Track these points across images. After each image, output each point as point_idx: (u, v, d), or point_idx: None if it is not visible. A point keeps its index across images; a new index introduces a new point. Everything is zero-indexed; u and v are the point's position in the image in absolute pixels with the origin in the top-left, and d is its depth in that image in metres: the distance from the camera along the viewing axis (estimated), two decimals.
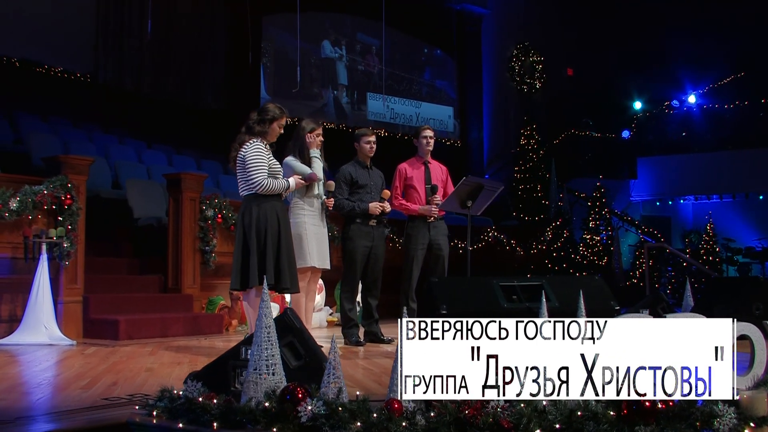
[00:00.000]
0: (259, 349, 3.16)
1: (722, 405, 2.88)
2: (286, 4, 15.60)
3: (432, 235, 7.10)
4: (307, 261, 6.28)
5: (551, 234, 14.69)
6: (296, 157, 6.32)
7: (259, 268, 5.53)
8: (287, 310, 3.62)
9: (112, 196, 9.71)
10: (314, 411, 2.82)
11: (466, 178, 6.58)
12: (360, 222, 6.87)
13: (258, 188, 5.53)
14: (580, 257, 14.76)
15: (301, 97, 17.11)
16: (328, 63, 17.85)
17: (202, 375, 3.52)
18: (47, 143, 10.30)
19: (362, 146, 6.97)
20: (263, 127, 5.65)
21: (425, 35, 19.40)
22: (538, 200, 17.40)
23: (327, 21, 17.81)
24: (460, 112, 20.21)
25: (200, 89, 14.95)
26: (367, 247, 6.90)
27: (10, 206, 6.74)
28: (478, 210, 6.81)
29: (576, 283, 3.36)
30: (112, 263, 8.77)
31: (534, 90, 20.61)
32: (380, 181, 7.09)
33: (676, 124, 18.99)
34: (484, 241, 13.25)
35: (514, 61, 20.71)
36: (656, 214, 19.05)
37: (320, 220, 6.46)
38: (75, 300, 7.39)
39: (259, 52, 16.23)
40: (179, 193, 8.51)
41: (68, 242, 7.12)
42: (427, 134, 7.28)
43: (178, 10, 14.65)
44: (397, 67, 19.05)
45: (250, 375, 3.15)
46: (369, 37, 18.06)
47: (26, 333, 6.71)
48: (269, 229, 5.58)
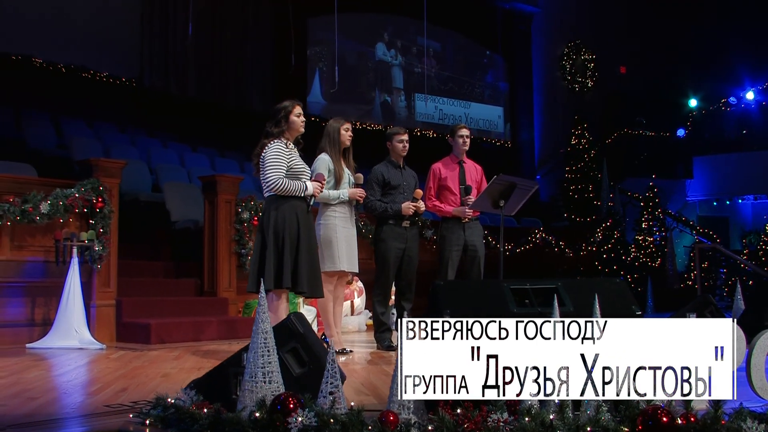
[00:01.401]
0: (256, 355, 3.01)
1: (751, 421, 2.63)
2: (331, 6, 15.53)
3: (467, 236, 6.87)
4: (336, 265, 6.13)
5: (601, 235, 14.31)
6: (329, 153, 6.20)
7: (275, 270, 5.39)
8: (291, 315, 3.45)
9: (151, 199, 9.69)
10: (305, 422, 2.65)
11: (498, 176, 6.33)
12: (393, 223, 6.67)
13: (273, 188, 5.39)
14: (631, 259, 14.33)
15: (352, 100, 17.04)
16: (381, 65, 17.73)
17: (202, 382, 3.38)
18: (89, 147, 10.34)
19: (395, 145, 6.76)
20: (280, 127, 5.52)
21: (474, 35, 19.18)
22: (590, 201, 16.98)
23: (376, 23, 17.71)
24: (510, 113, 19.93)
25: (245, 92, 14.95)
26: (400, 249, 6.68)
27: (41, 209, 6.72)
28: (511, 210, 6.55)
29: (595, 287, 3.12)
30: (149, 266, 8.73)
31: (586, 89, 20.25)
32: (413, 182, 6.87)
33: (733, 121, 18.43)
34: (532, 242, 12.96)
35: (565, 59, 20.38)
36: (713, 215, 18.50)
37: (350, 222, 6.32)
38: (108, 303, 7.35)
39: (305, 54, 16.18)
40: (215, 195, 8.44)
41: (100, 245, 7.08)
42: (464, 133, 7.03)
43: (222, 13, 14.70)
44: (446, 67, 18.85)
45: (245, 383, 3.00)
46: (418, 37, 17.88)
47: (57, 337, 6.69)
48: (287, 230, 5.42)
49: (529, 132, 20.08)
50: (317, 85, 16.53)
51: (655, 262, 14.63)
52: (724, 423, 2.67)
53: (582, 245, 13.93)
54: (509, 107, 19.91)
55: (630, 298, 3.08)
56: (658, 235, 15.13)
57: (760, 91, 18.38)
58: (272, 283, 5.40)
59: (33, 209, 6.69)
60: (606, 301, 3.11)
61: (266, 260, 5.42)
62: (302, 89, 16.05)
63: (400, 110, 17.91)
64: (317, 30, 16.32)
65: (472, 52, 19.43)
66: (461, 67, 19.18)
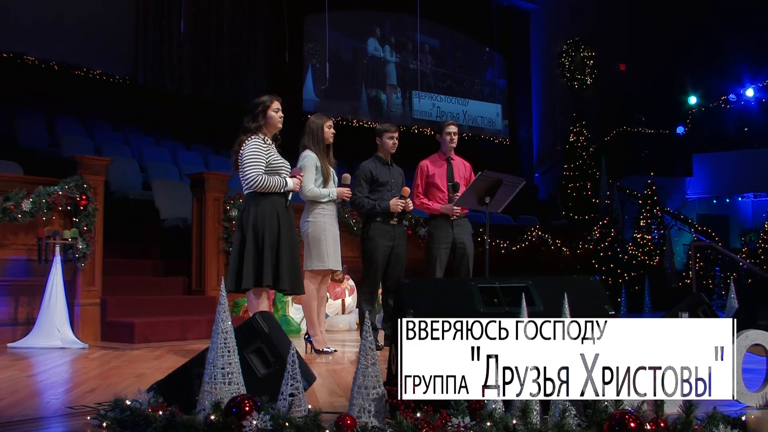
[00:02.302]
0: (215, 356, 2.92)
1: (724, 426, 2.54)
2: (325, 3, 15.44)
3: (455, 234, 6.77)
4: (325, 263, 6.05)
5: (599, 233, 14.19)
6: (314, 151, 6.10)
7: (255, 269, 5.30)
8: (257, 314, 3.36)
9: (141, 197, 9.60)
10: (259, 426, 2.56)
11: (483, 172, 6.23)
12: (380, 220, 6.55)
13: (252, 185, 5.31)
14: (628, 257, 14.21)
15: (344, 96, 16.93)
16: (375, 62, 17.61)
17: (165, 384, 3.29)
18: (79, 145, 10.27)
19: (384, 142, 6.64)
20: (258, 122, 5.44)
21: (472, 32, 19.04)
22: (588, 199, 16.86)
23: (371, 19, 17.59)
24: (509, 110, 19.80)
25: (240, 89, 14.84)
26: (387, 246, 6.57)
27: (23, 207, 6.63)
28: (497, 207, 6.43)
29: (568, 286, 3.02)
30: (137, 265, 8.65)
31: (585, 86, 20.12)
32: (401, 179, 6.77)
33: (733, 118, 18.29)
34: (528, 240, 12.85)
35: (564, 56, 20.25)
36: (713, 213, 18.36)
37: (336, 220, 6.25)
38: (92, 302, 7.26)
39: (301, 51, 16.08)
40: (203, 193, 8.35)
41: (84, 243, 6.99)
42: (451, 130, 6.93)
43: (218, 10, 14.59)
44: (443, 64, 18.74)
45: (205, 384, 2.92)
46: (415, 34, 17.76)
47: (39, 336, 6.60)
48: (267, 227, 5.34)
49: (527, 130, 19.95)
50: (310, 81, 16.42)
51: (653, 261, 14.51)
52: (697, 428, 2.57)
53: (579, 243, 13.82)
54: (507, 105, 19.77)
55: (604, 298, 2.97)
56: (657, 233, 15.01)
57: (760, 88, 18.24)
58: (252, 282, 5.32)
59: (15, 207, 6.60)
60: (579, 300, 3.02)
61: (245, 258, 5.34)
62: (298, 86, 15.96)
63: (395, 107, 17.78)
64: (312, 27, 16.20)
65: (469, 48, 19.29)
66: (458, 63, 19.04)
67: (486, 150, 18.51)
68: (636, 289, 13.61)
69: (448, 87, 18.68)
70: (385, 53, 17.78)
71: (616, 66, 20.07)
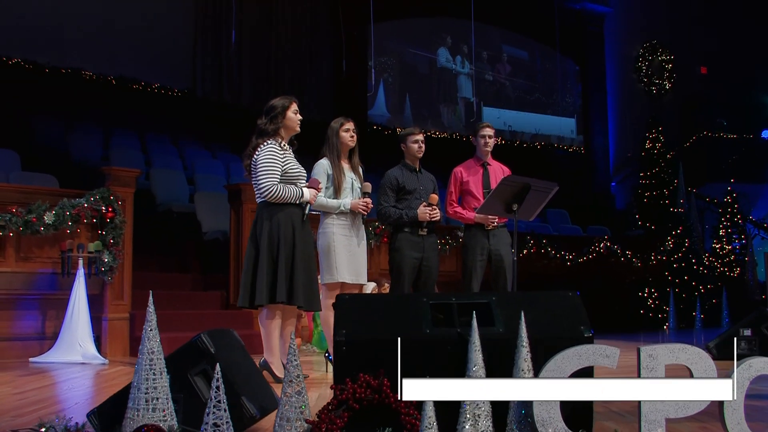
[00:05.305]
0: (138, 378, 2.62)
1: None
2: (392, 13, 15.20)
3: (491, 244, 6.30)
4: (335, 276, 5.65)
5: (672, 244, 13.42)
6: (328, 158, 5.75)
7: (268, 284, 4.98)
8: (203, 333, 3.05)
9: (185, 210, 9.47)
10: None
11: (507, 177, 5.77)
12: (408, 231, 6.10)
13: (266, 194, 4.97)
14: (704, 268, 13.39)
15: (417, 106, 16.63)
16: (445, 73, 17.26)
17: (105, 408, 3.01)
18: (130, 158, 10.24)
19: (409, 146, 6.21)
20: (276, 124, 5.11)
21: (544, 37, 18.46)
22: (665, 208, 16.03)
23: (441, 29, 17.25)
24: (583, 117, 19.15)
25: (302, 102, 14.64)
26: (416, 258, 6.10)
27: (45, 220, 6.52)
28: (528, 215, 5.92)
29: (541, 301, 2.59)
30: (174, 279, 8.50)
31: (663, 91, 19.26)
32: (431, 186, 6.31)
33: None
34: (596, 252, 12.24)
35: (641, 61, 19.45)
36: None
37: (352, 230, 5.79)
38: (121, 317, 7.12)
39: (365, 62, 15.84)
40: (240, 204, 8.15)
41: (110, 257, 6.83)
42: (486, 133, 6.48)
43: (278, 22, 14.49)
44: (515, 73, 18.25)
45: (128, 410, 2.62)
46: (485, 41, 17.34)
47: (61, 351, 6.47)
48: (282, 240, 5.00)
49: (603, 137, 19.25)
50: (381, 94, 16.14)
51: (733, 272, 13.66)
52: None
53: (651, 254, 13.10)
54: (582, 112, 19.13)
55: (581, 317, 2.52)
56: (738, 242, 14.14)
57: None
58: (265, 298, 5.01)
59: (37, 219, 6.49)
60: (553, 319, 2.59)
61: (258, 273, 5.04)
62: (362, 98, 15.70)
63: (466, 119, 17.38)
64: (378, 37, 15.92)
65: (541, 55, 18.74)
66: (531, 72, 18.53)
67: (560, 159, 17.90)
68: (713, 302, 12.81)
69: (520, 97, 18.20)
70: (456, 64, 17.39)
71: (696, 69, 19.19)
